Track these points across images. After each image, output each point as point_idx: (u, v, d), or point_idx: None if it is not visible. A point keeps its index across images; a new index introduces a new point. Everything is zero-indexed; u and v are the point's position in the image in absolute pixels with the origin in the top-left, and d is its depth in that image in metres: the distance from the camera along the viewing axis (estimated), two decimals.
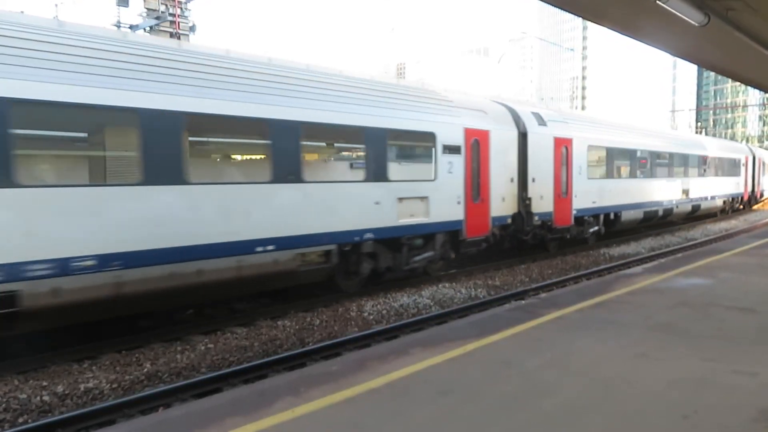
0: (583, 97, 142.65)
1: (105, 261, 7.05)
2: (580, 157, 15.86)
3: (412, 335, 6.97)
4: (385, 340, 7.95)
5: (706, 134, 61.14)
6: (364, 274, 10.61)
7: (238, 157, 10.35)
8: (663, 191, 20.52)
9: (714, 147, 26.60)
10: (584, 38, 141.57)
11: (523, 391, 4.45)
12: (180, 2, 26.20)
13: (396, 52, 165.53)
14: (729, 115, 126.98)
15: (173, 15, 25.99)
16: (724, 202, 27.54)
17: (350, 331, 8.59)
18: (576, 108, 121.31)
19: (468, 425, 3.88)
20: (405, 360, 5.21)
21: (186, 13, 26.64)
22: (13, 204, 6.42)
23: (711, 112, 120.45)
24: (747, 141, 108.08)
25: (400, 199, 10.73)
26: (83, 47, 7.18)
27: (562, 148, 15.22)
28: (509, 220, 13.61)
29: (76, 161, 7.88)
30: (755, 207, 34.01)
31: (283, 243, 8.89)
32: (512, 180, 13.67)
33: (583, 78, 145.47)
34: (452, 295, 10.81)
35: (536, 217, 14.27)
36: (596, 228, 17.02)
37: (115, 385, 6.48)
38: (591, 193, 16.37)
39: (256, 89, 8.72)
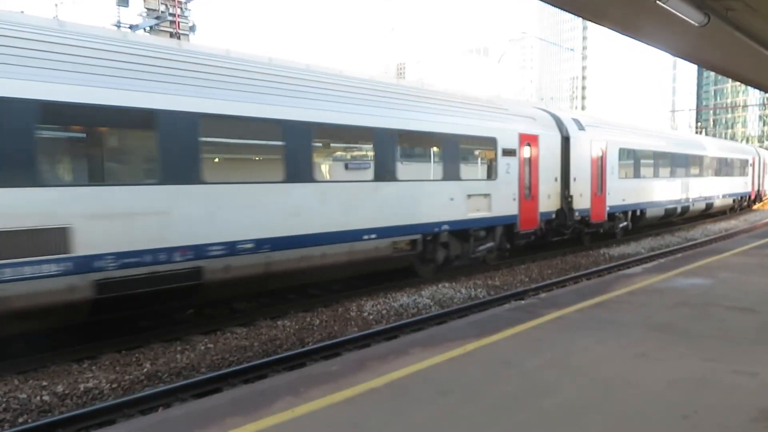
0: (583, 97, 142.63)
1: (259, 244, 8.72)
2: (612, 158, 17.49)
3: (412, 335, 6.96)
4: (385, 340, 7.95)
5: (706, 134, 61.23)
6: (438, 261, 12.27)
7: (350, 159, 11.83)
8: (682, 190, 22.25)
9: (726, 149, 28.53)
10: (584, 38, 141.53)
11: (523, 391, 4.45)
12: (180, 2, 26.20)
13: (396, 52, 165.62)
14: (729, 115, 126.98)
15: (173, 15, 25.99)
16: (734, 200, 29.28)
17: (350, 331, 8.59)
18: (576, 108, 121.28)
19: (468, 425, 3.88)
20: (405, 360, 5.21)
21: (186, 13, 26.63)
22: (201, 197, 8.06)
23: (711, 112, 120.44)
24: (747, 141, 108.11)
25: (469, 196, 12.43)
26: (264, 74, 9.17)
27: (598, 150, 16.86)
28: (554, 216, 15.31)
29: (241, 163, 9.61)
30: (755, 207, 34.17)
31: (382, 232, 10.66)
32: (556, 179, 15.31)
33: (583, 78, 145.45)
34: (452, 295, 10.81)
35: (576, 213, 15.89)
36: (625, 224, 18.82)
37: (114, 385, 6.48)
38: (621, 191, 17.98)
39: (365, 103, 10.52)
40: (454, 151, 12.05)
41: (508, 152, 13.44)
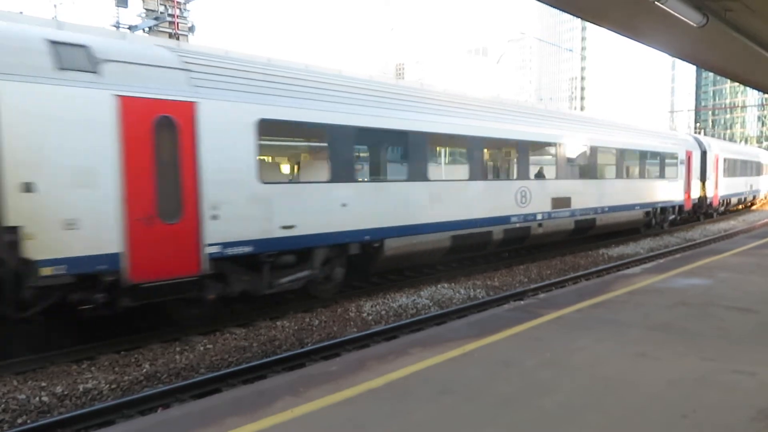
0: (582, 98, 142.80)
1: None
2: (721, 165, 26.83)
3: (412, 335, 6.97)
4: (384, 340, 7.95)
5: (705, 134, 61.46)
6: (655, 224, 20.70)
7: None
8: (749, 184, 32.96)
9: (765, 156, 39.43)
10: (583, 39, 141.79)
11: (523, 390, 4.45)
12: (179, 3, 26.18)
13: (395, 52, 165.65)
14: (728, 116, 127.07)
15: (172, 15, 25.97)
16: (766, 195, 40.02)
17: (349, 332, 8.59)
18: (575, 108, 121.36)
19: (468, 425, 3.88)
20: (404, 360, 5.21)
21: (185, 14, 26.62)
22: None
23: (710, 112, 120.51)
24: (746, 141, 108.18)
25: (665, 187, 20.57)
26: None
27: (714, 159, 25.83)
28: (697, 201, 23.96)
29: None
30: (754, 207, 34.28)
31: (643, 206, 19.13)
32: (698, 179, 23.82)
33: (582, 78, 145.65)
34: (451, 295, 10.81)
35: (708, 201, 25.33)
36: (723, 207, 28.72)
37: (114, 386, 6.48)
38: (726, 186, 27.70)
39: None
40: (661, 161, 20.17)
41: (681, 161, 21.75)
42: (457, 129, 11.84)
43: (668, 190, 20.67)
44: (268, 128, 8.67)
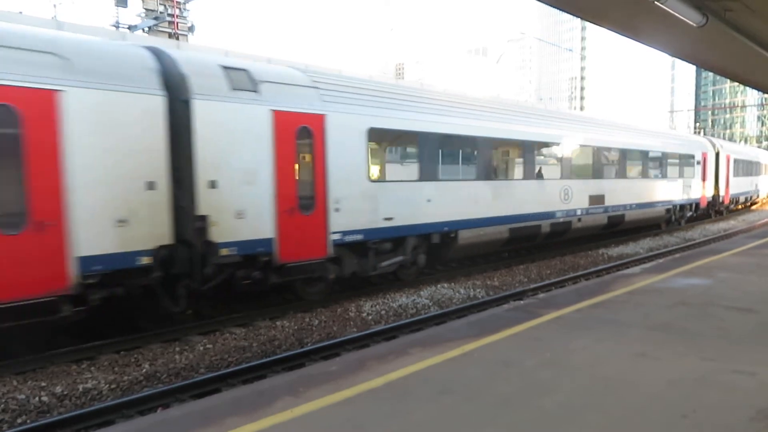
0: (582, 98, 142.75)
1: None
2: (731, 164, 28.33)
3: (411, 335, 6.97)
4: (384, 340, 7.95)
5: (704, 134, 61.51)
6: (674, 221, 22.59)
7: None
8: (754, 183, 34.88)
9: None
10: (583, 38, 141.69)
11: (523, 390, 4.45)
12: (179, 3, 26.18)
13: (395, 52, 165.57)
14: (727, 116, 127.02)
15: (172, 15, 25.98)
16: None
17: (349, 332, 8.59)
18: (574, 108, 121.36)
19: (468, 424, 3.88)
20: (404, 360, 5.21)
21: (185, 14, 26.62)
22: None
23: (710, 112, 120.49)
24: (746, 141, 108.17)
25: (684, 186, 22.26)
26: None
27: (726, 160, 27.45)
28: (711, 199, 25.88)
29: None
30: (753, 207, 34.34)
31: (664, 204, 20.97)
32: (712, 178, 25.80)
33: (582, 78, 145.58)
34: (451, 295, 10.81)
35: (720, 199, 27.09)
36: (732, 204, 30.66)
37: (113, 386, 6.48)
38: (734, 185, 29.29)
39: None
40: (681, 162, 21.98)
41: (698, 162, 23.53)
42: (514, 134, 13.54)
43: (686, 189, 22.51)
44: (374, 135, 10.51)
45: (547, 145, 14.87)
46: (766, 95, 57.21)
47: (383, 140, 11.67)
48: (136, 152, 7.34)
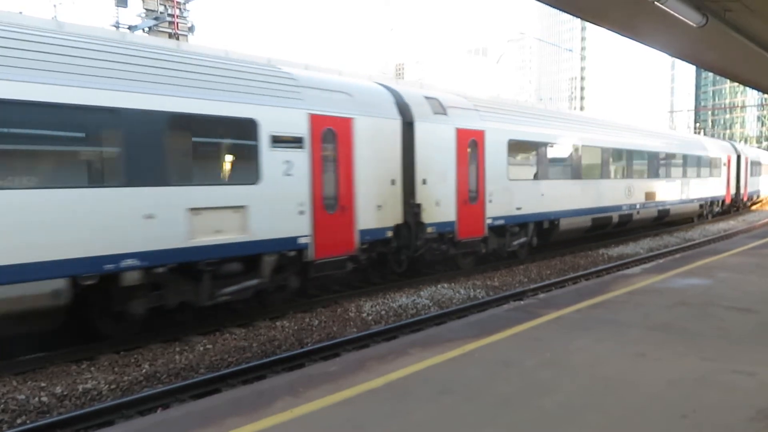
0: (582, 98, 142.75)
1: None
2: (748, 166, 31.41)
3: (411, 335, 6.96)
4: (384, 340, 7.95)
5: (704, 134, 61.58)
6: (705, 215, 25.51)
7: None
8: (759, 183, 36.28)
9: None
10: (583, 39, 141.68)
11: (523, 390, 4.45)
12: (179, 3, 26.17)
13: (395, 52, 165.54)
14: (727, 116, 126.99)
15: (172, 15, 25.97)
16: None
17: (349, 332, 8.59)
18: (574, 108, 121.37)
19: (468, 425, 3.88)
20: (404, 360, 5.21)
21: (185, 14, 26.61)
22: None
23: (709, 112, 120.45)
24: (746, 141, 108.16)
25: (714, 185, 25.48)
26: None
27: (744, 162, 30.41)
28: (734, 196, 28.80)
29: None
30: (753, 207, 34.43)
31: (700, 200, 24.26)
32: (735, 178, 28.68)
33: (582, 78, 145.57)
34: (451, 295, 10.81)
35: (741, 195, 29.90)
36: (749, 201, 33.91)
37: (113, 386, 6.47)
38: (750, 184, 32.34)
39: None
40: (711, 164, 25.13)
41: (724, 164, 26.69)
42: (596, 142, 16.69)
43: (715, 188, 25.97)
44: (512, 144, 13.45)
45: (618, 150, 17.96)
46: (766, 95, 57.18)
47: (516, 148, 14.21)
48: (386, 159, 10.55)
